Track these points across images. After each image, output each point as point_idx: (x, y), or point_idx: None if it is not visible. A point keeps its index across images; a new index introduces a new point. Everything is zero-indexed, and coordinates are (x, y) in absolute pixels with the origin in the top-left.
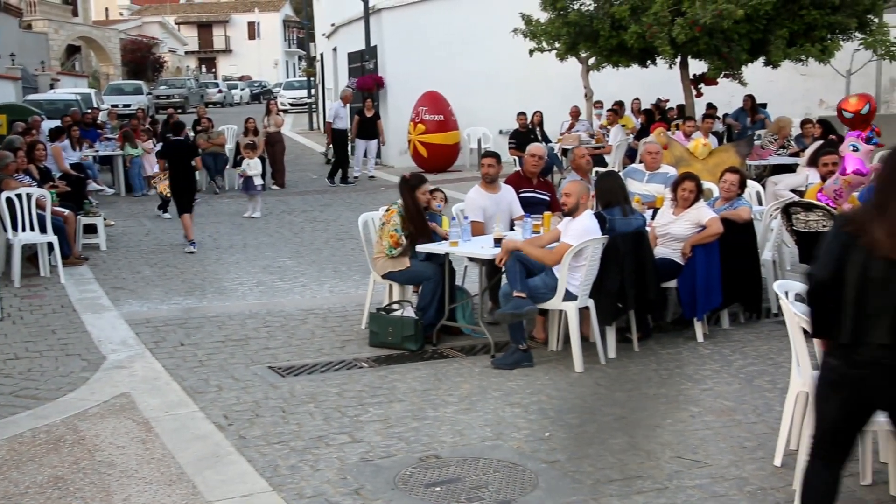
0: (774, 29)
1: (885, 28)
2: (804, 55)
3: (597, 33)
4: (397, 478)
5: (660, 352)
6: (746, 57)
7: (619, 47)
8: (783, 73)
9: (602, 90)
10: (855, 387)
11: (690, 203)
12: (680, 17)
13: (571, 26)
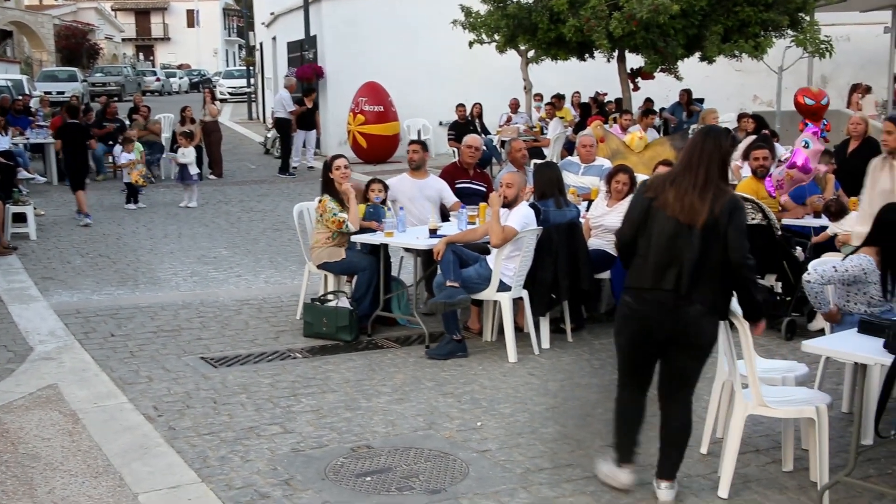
0: (709, 25)
1: (815, 26)
2: (738, 51)
3: (535, 26)
4: (328, 468)
5: (593, 342)
6: (682, 52)
7: (558, 40)
8: (718, 68)
9: (541, 83)
10: (641, 321)
11: (624, 195)
12: (617, 11)
13: (510, 19)
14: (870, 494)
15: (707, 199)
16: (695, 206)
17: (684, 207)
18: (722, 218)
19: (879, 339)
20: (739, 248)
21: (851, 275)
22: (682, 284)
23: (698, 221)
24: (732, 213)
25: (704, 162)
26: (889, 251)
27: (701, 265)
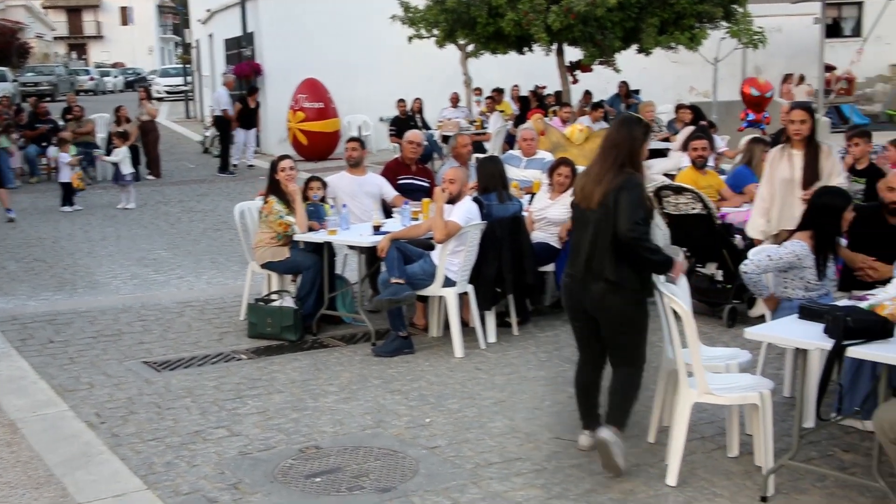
0: (646, 17)
1: (748, 17)
2: (674, 43)
3: (474, 20)
4: (276, 470)
5: (538, 335)
6: (620, 44)
7: (497, 34)
8: (655, 60)
9: (481, 77)
10: (568, 298)
11: (566, 188)
12: (555, 4)
13: (449, 13)
14: (812, 476)
15: (603, 182)
16: (590, 190)
17: (584, 193)
18: (610, 196)
19: (819, 325)
20: (624, 220)
21: (786, 262)
22: (588, 263)
23: (593, 203)
24: (620, 190)
25: (613, 150)
26: (822, 234)
27: (599, 244)
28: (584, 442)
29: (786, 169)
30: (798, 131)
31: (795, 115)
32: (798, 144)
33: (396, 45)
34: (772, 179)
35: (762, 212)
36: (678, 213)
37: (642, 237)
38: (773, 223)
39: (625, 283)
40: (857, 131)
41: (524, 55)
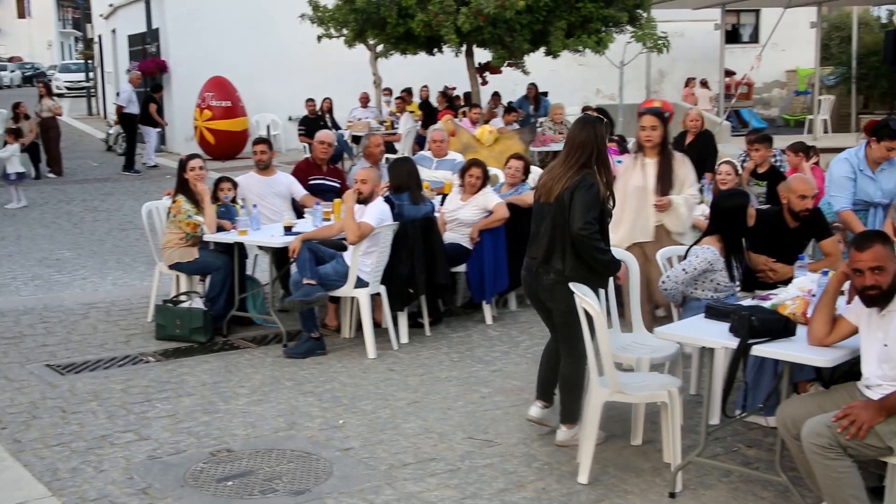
0: (554, 20)
1: (652, 23)
2: (581, 46)
3: (384, 21)
4: (187, 474)
5: (451, 335)
6: (528, 47)
7: (407, 35)
8: (563, 63)
9: (391, 77)
10: (525, 285)
11: (477, 189)
12: (465, 6)
13: (359, 13)
14: (718, 472)
15: (563, 179)
16: (551, 185)
17: (545, 188)
18: (567, 193)
19: (725, 324)
20: (577, 219)
21: (701, 270)
22: (544, 255)
23: (551, 198)
24: (576, 188)
25: (577, 150)
26: (730, 236)
27: (554, 236)
28: (532, 412)
29: (638, 177)
30: (649, 138)
31: (646, 121)
32: (650, 152)
33: (306, 44)
34: (624, 189)
35: (617, 221)
36: None
37: (592, 235)
38: (622, 235)
39: (573, 278)
40: (759, 136)
41: (434, 56)
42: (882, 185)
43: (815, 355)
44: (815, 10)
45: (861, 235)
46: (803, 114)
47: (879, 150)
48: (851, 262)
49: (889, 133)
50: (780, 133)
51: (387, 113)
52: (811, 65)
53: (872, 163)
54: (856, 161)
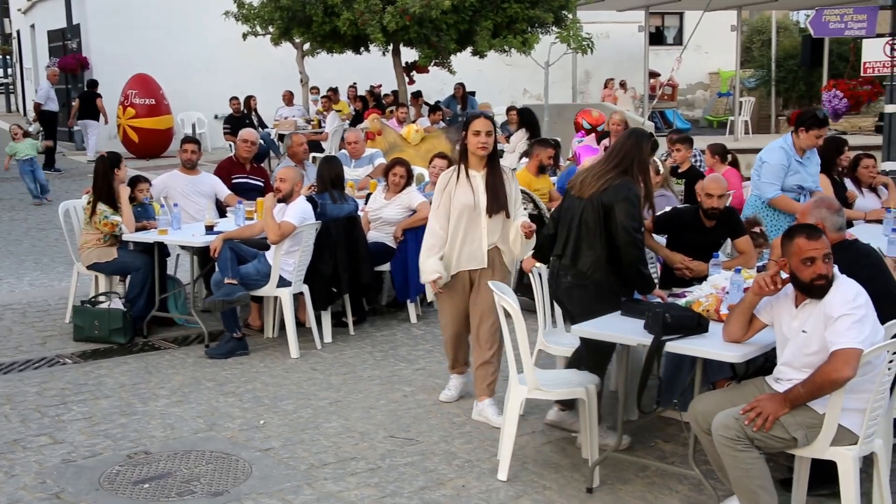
0: (480, 20)
1: (577, 24)
2: (507, 46)
3: (310, 19)
4: (102, 478)
5: (375, 334)
6: (455, 46)
7: (333, 33)
8: (490, 62)
9: (318, 76)
10: (549, 280)
11: (401, 188)
12: (390, 5)
13: (284, 11)
14: (635, 467)
15: (603, 178)
16: (589, 182)
17: (583, 184)
18: (607, 196)
19: (640, 321)
20: (626, 228)
21: None
22: (567, 251)
23: (585, 193)
24: (618, 191)
25: (619, 154)
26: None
27: (581, 235)
28: (550, 416)
29: (467, 194)
30: (484, 145)
31: (480, 125)
32: (478, 163)
33: (232, 42)
34: (446, 208)
35: (433, 249)
36: None
37: (637, 241)
38: (450, 263)
39: (594, 278)
40: (680, 136)
41: (361, 55)
42: (810, 170)
43: (726, 351)
44: (736, 14)
45: (805, 226)
46: (726, 115)
47: (809, 139)
48: (802, 252)
49: (817, 122)
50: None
51: (313, 112)
52: (733, 67)
53: (800, 151)
54: (790, 150)
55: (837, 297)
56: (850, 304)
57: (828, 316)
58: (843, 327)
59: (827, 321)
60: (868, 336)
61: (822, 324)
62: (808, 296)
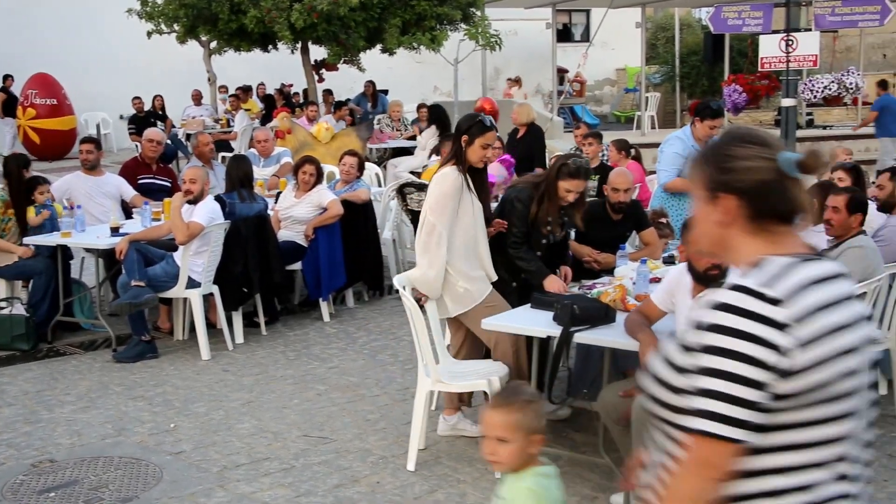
0: (388, 18)
1: (485, 21)
2: (416, 43)
3: (216, 16)
4: (5, 488)
5: (287, 334)
6: (364, 44)
7: (240, 31)
8: (400, 60)
9: (227, 74)
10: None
11: (311, 186)
12: (298, 2)
13: (189, 8)
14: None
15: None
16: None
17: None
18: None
19: (549, 313)
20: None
21: None
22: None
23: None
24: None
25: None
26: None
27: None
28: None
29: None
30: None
31: (493, 138)
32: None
33: (136, 40)
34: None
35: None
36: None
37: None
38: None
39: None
40: (591, 132)
41: (269, 53)
42: None
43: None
44: (640, 11)
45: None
46: (632, 110)
47: (703, 129)
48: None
49: (711, 112)
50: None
51: (222, 111)
52: (639, 64)
53: (698, 141)
54: (688, 140)
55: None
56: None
57: None
58: None
59: None
60: None
61: None
62: (703, 285)
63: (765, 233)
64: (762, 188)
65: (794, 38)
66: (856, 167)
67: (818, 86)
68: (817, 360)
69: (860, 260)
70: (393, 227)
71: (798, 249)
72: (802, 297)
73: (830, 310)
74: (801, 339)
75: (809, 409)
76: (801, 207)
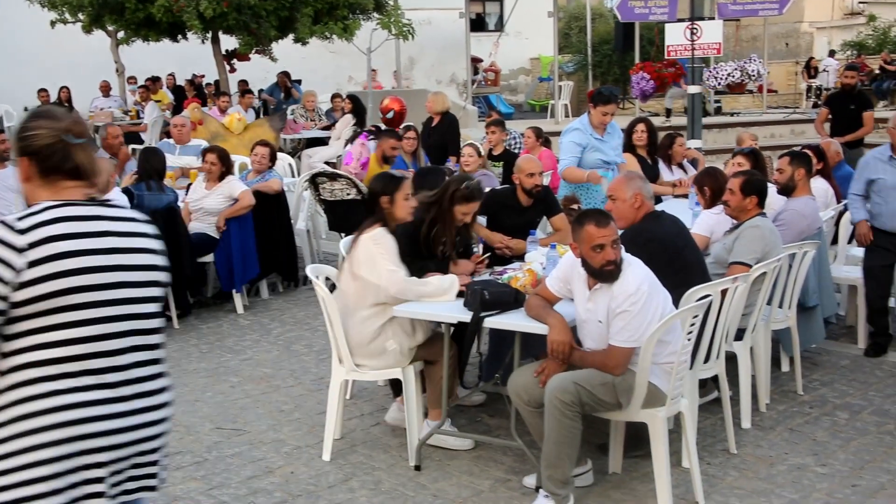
0: (300, 7)
1: (398, 10)
2: (329, 33)
3: (122, 6)
4: None
5: (200, 327)
6: (275, 33)
7: (148, 21)
8: (314, 50)
9: (136, 65)
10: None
11: (218, 176)
12: None
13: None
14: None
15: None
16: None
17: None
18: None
19: (459, 299)
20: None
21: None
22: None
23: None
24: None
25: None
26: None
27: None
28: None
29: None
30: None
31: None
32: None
33: (39, 29)
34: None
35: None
36: (333, 198)
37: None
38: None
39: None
40: (493, 120)
41: (178, 42)
42: (611, 145)
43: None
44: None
45: (595, 212)
46: (547, 99)
47: (597, 116)
48: (592, 239)
49: (602, 99)
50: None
51: (131, 102)
52: (553, 53)
53: (595, 128)
54: (586, 128)
55: (622, 287)
56: (631, 299)
57: (611, 309)
58: (620, 324)
59: (611, 313)
60: (644, 329)
61: (610, 314)
62: (599, 280)
63: (53, 185)
64: (46, 151)
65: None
66: (754, 151)
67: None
68: (44, 276)
69: (757, 240)
70: (307, 218)
71: (76, 197)
72: (43, 230)
73: (71, 240)
74: (32, 259)
75: (47, 317)
76: (84, 166)
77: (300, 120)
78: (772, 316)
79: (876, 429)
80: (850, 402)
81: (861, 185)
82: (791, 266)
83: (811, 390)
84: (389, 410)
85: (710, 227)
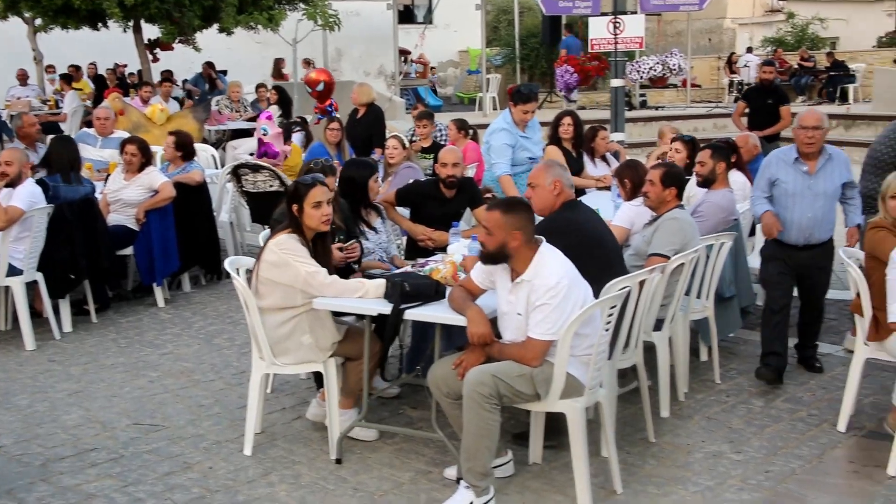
0: None
1: (325, 1)
2: (254, 23)
3: None
4: None
5: (119, 321)
6: (199, 23)
7: (66, 8)
8: (239, 40)
9: (55, 53)
10: None
11: (137, 167)
12: None
13: None
14: (384, 435)
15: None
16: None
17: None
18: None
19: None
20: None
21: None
22: None
23: None
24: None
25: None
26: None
27: None
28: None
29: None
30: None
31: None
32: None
33: None
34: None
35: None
36: (256, 190)
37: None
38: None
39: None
40: (422, 112)
41: (99, 31)
42: (534, 140)
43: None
44: None
45: (506, 200)
46: (475, 92)
47: (518, 114)
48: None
49: (522, 97)
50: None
51: (51, 91)
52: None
53: (517, 125)
54: (512, 127)
55: (542, 280)
56: (550, 293)
57: (531, 302)
58: (539, 317)
59: (530, 306)
60: (562, 322)
61: (529, 307)
62: (488, 264)
63: None
64: None
65: (621, 20)
66: (693, 140)
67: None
68: None
69: (676, 232)
70: (231, 210)
71: None
72: None
73: None
74: None
75: None
76: None
77: (225, 111)
78: (690, 306)
79: (789, 416)
80: (764, 390)
81: (764, 184)
82: (709, 257)
83: (728, 379)
84: (310, 407)
85: (631, 218)
